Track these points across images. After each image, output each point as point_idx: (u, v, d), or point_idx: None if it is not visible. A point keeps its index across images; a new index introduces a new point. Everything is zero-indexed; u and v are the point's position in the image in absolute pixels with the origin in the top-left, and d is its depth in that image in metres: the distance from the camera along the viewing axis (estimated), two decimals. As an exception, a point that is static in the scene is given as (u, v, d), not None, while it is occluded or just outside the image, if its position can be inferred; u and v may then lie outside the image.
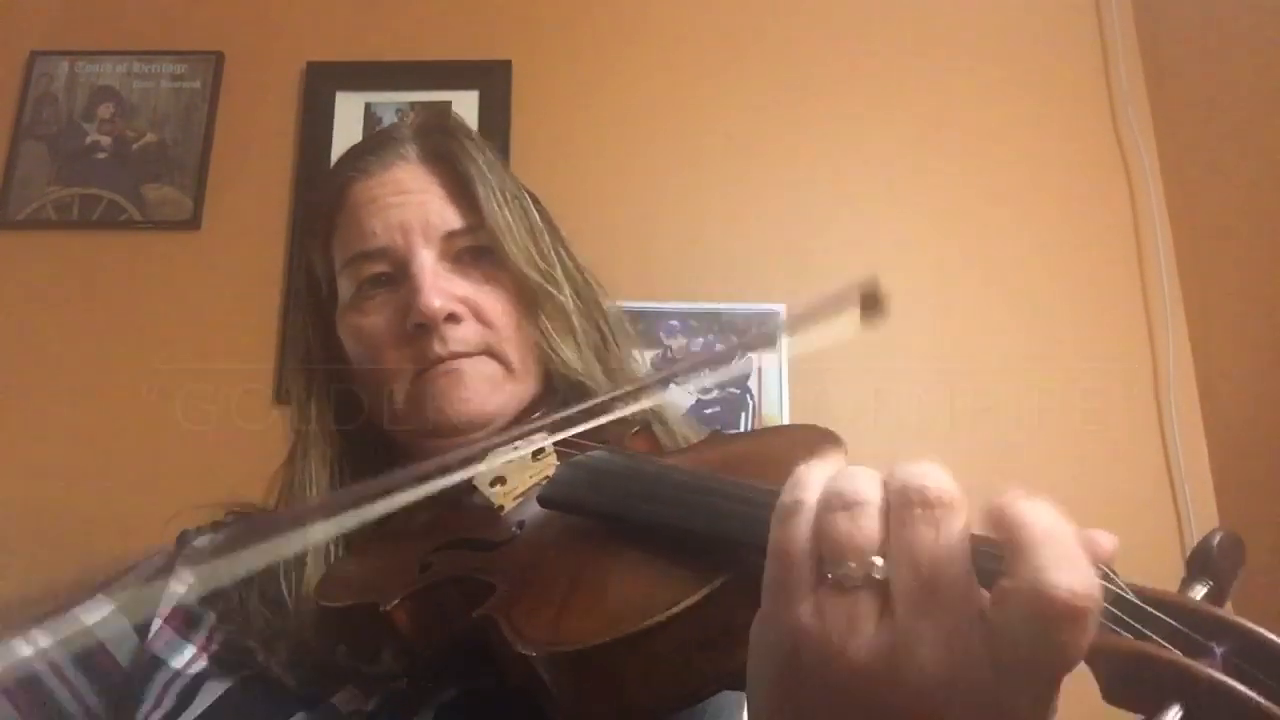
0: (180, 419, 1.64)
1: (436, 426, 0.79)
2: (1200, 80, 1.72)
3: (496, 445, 0.58)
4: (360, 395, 0.86)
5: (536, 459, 0.72)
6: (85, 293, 1.71)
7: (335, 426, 0.86)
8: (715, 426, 1.38)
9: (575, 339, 0.85)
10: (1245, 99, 1.60)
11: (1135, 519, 1.58)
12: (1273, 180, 1.52)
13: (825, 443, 0.62)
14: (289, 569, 0.77)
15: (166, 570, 0.83)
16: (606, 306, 0.92)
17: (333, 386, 0.87)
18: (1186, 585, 0.39)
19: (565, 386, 0.84)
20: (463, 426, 0.79)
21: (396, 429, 0.84)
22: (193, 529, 0.90)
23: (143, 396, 1.66)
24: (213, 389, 1.64)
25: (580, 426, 0.56)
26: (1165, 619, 0.36)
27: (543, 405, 0.83)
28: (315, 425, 0.85)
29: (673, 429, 0.86)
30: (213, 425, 1.61)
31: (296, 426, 0.87)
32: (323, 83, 1.81)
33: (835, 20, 1.86)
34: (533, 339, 0.83)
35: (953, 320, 1.70)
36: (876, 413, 1.63)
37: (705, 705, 0.54)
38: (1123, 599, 0.37)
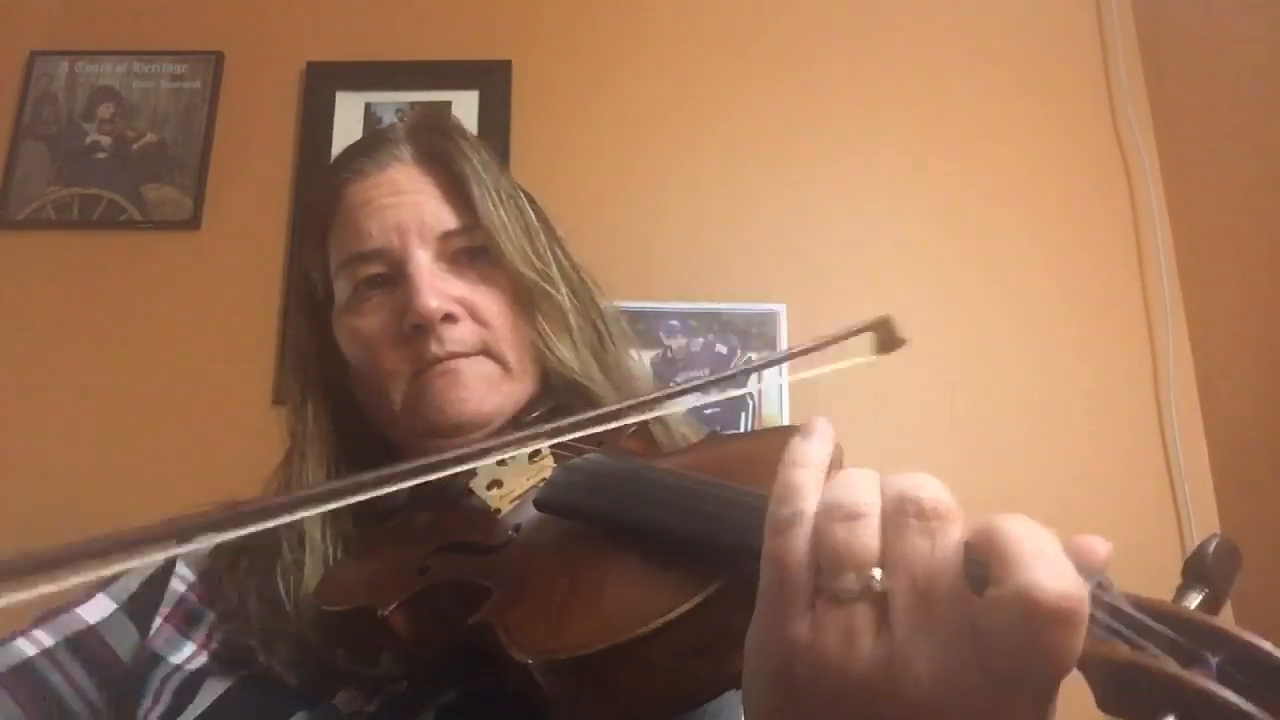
0: (179, 419, 1.65)
1: (434, 427, 0.79)
2: (1200, 80, 1.72)
3: (496, 446, 0.58)
4: (357, 396, 0.86)
5: (533, 461, 0.72)
6: (85, 293, 1.72)
7: (332, 428, 0.85)
8: (715, 427, 1.38)
9: (572, 338, 0.85)
10: (1245, 99, 1.60)
11: (1135, 519, 1.58)
12: (1273, 180, 1.51)
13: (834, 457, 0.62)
14: (287, 571, 0.77)
15: (167, 570, 0.83)
16: (603, 305, 0.92)
17: (329, 388, 0.86)
18: (1181, 593, 0.39)
19: (562, 386, 0.84)
20: (461, 426, 0.79)
21: (394, 430, 0.84)
22: None
23: (142, 396, 1.66)
24: (212, 389, 1.65)
25: (579, 432, 0.56)
26: (1160, 629, 0.36)
27: (540, 405, 0.83)
28: (312, 427, 0.85)
29: (671, 428, 0.86)
30: (212, 425, 1.62)
31: (293, 428, 0.86)
32: (323, 83, 1.81)
33: (835, 20, 1.86)
34: (529, 338, 0.83)
35: (953, 320, 1.70)
36: (876, 413, 1.63)
37: (705, 706, 0.54)
38: (1117, 608, 0.37)
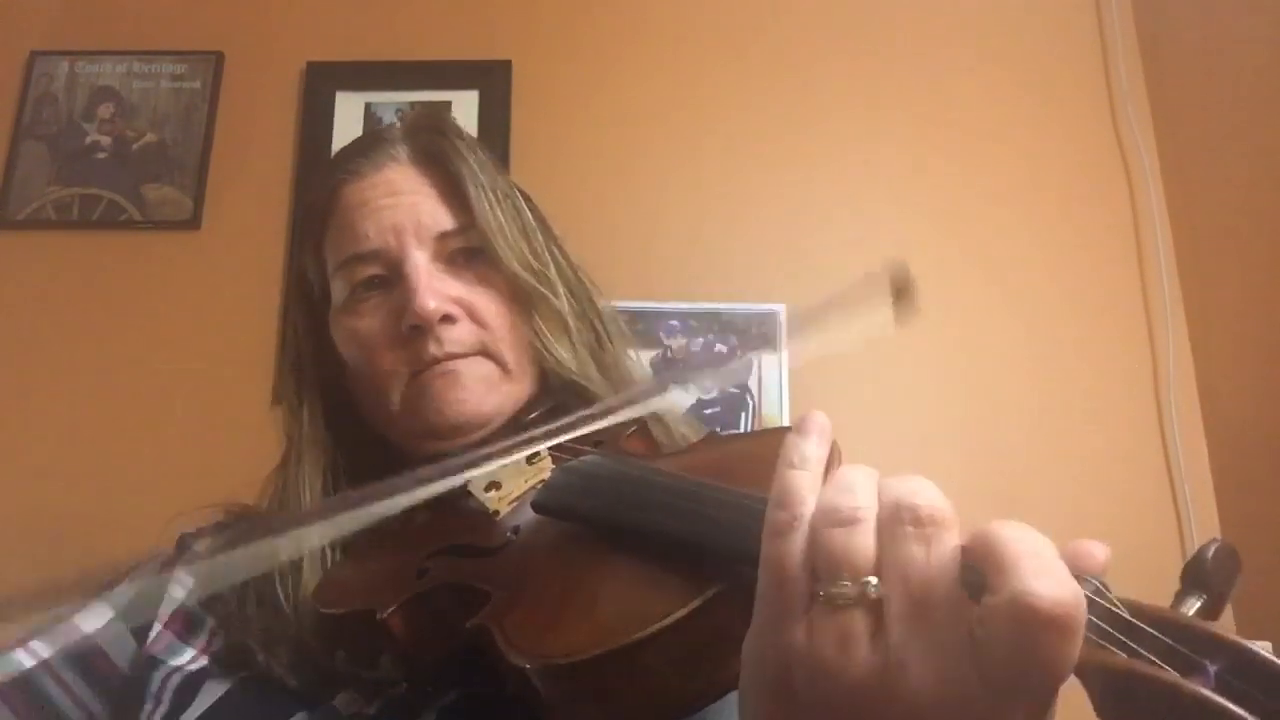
0: (179, 419, 1.65)
1: (433, 428, 0.79)
2: (1200, 80, 1.72)
3: (493, 453, 0.58)
4: (354, 397, 0.86)
5: (531, 463, 0.72)
6: (85, 293, 1.72)
7: (329, 430, 0.85)
8: (715, 427, 1.38)
9: (570, 338, 0.85)
10: (1245, 99, 1.60)
11: (1135, 520, 1.58)
12: (1273, 180, 1.51)
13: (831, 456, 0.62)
14: (285, 574, 0.76)
15: (165, 575, 0.83)
16: (601, 305, 0.92)
17: (327, 389, 0.86)
18: (1180, 599, 0.38)
19: (560, 386, 0.84)
20: (460, 427, 0.79)
21: (392, 430, 0.83)
22: (192, 531, 0.88)
23: (142, 396, 1.66)
24: (212, 389, 1.65)
25: (577, 431, 0.56)
26: (1158, 636, 0.35)
27: (539, 405, 0.83)
28: (308, 428, 0.84)
29: (671, 428, 0.86)
30: (212, 426, 1.62)
31: (290, 430, 0.86)
32: (323, 83, 1.81)
33: (835, 20, 1.86)
34: (527, 339, 0.83)
35: (953, 320, 1.70)
36: (876, 413, 1.63)
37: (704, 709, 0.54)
38: (1114, 615, 0.37)
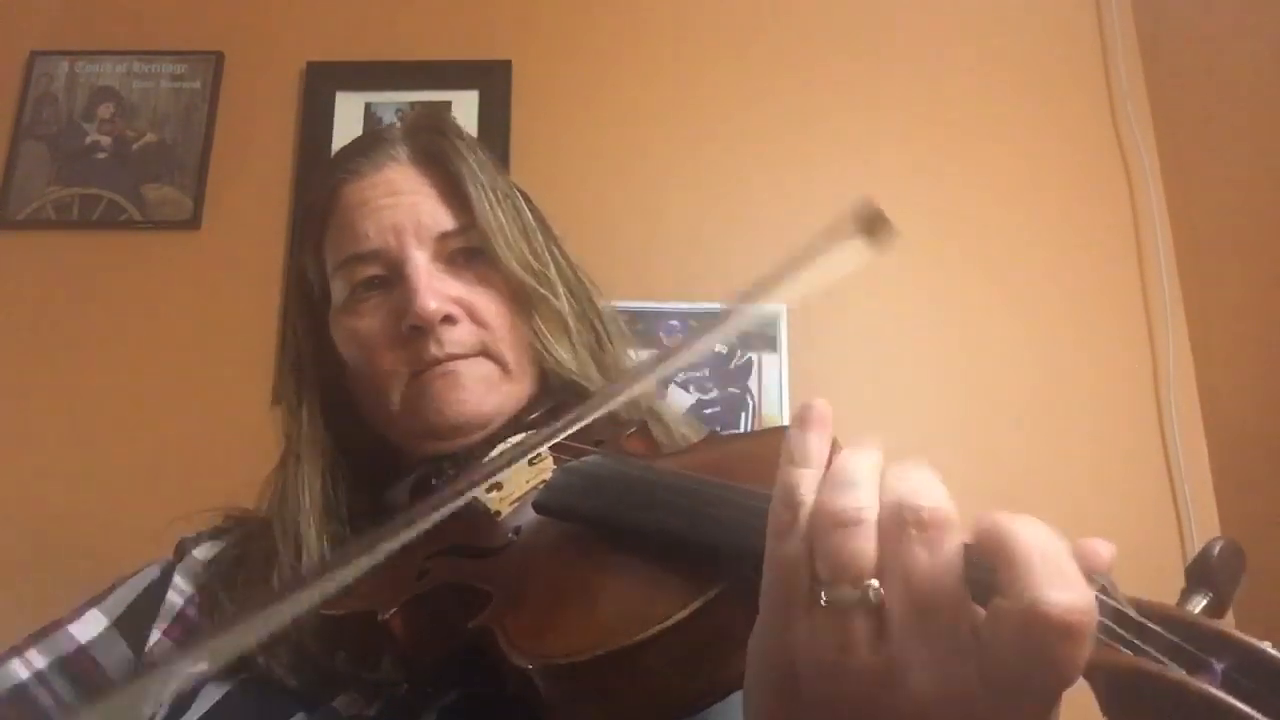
0: (179, 419, 1.64)
1: (433, 428, 0.79)
2: (1200, 80, 1.72)
3: (494, 469, 0.58)
4: (354, 398, 0.85)
5: (532, 464, 0.72)
6: (85, 293, 1.71)
7: (328, 430, 0.84)
8: (715, 427, 1.38)
9: (570, 339, 0.85)
10: (1245, 99, 1.60)
11: (1135, 520, 1.58)
12: (1273, 180, 1.51)
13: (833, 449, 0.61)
14: (284, 577, 0.76)
15: (163, 583, 0.82)
16: (601, 306, 0.91)
17: (326, 389, 0.85)
18: (1186, 597, 0.38)
19: (560, 386, 0.83)
20: (460, 428, 0.78)
21: (391, 431, 0.83)
22: (191, 536, 0.88)
23: (142, 396, 1.66)
24: (212, 389, 1.65)
25: (577, 425, 0.56)
26: (1164, 634, 0.35)
27: (539, 405, 0.82)
28: (307, 429, 0.84)
29: (671, 428, 0.86)
30: (212, 426, 1.62)
31: (289, 430, 0.85)
32: (323, 83, 1.80)
33: (835, 20, 1.86)
34: (527, 339, 0.82)
35: (953, 320, 1.70)
36: (876, 413, 1.63)
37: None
38: (1121, 614, 0.36)
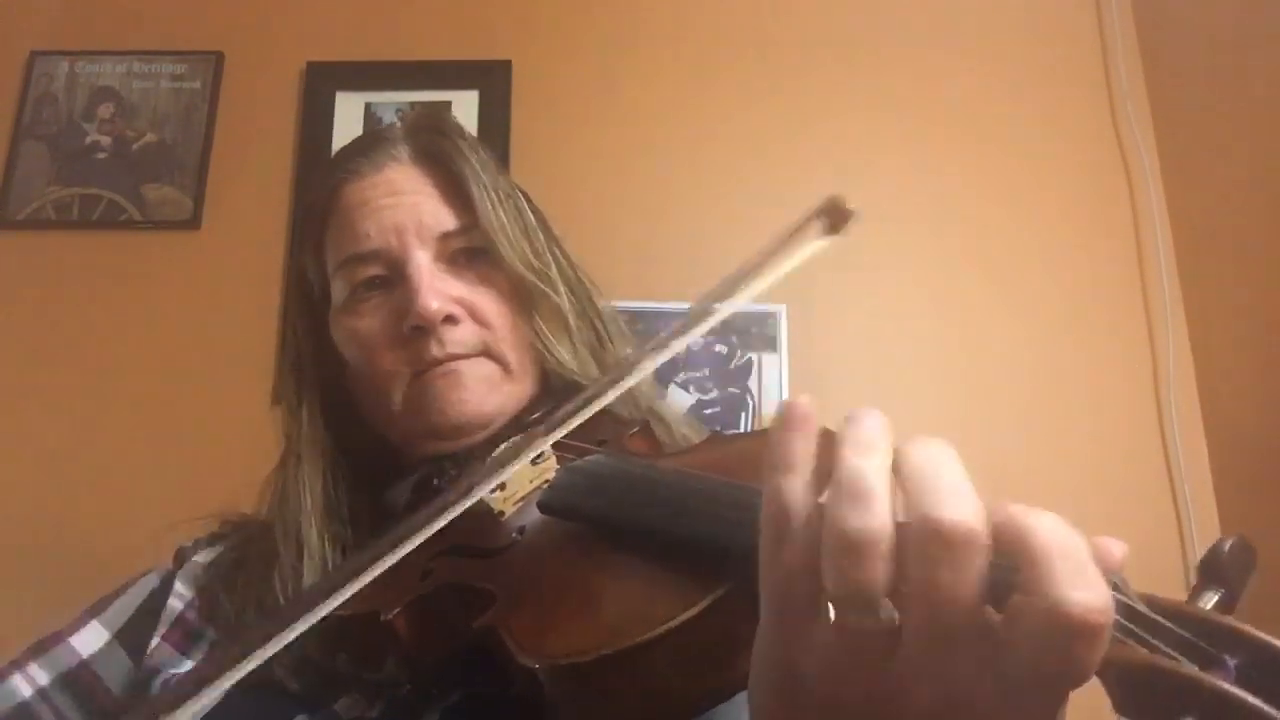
0: (179, 419, 1.64)
1: (435, 428, 0.78)
2: (1200, 80, 1.72)
3: (498, 468, 0.57)
4: (354, 398, 0.85)
5: (535, 463, 0.72)
6: (85, 293, 1.71)
7: (328, 430, 0.84)
8: (715, 427, 1.38)
9: (571, 339, 0.84)
10: (1245, 99, 1.60)
11: (1135, 519, 1.58)
12: (1273, 180, 1.51)
13: (824, 444, 0.61)
14: (285, 577, 0.76)
15: (163, 591, 0.82)
16: (601, 306, 0.91)
17: (326, 389, 0.85)
18: (1197, 594, 0.38)
19: (561, 386, 0.83)
20: (461, 428, 0.78)
21: (392, 431, 0.83)
22: (189, 544, 0.88)
23: (142, 396, 1.66)
24: (212, 389, 1.64)
25: (579, 419, 0.55)
26: (1177, 630, 0.35)
27: (540, 406, 0.82)
28: (308, 429, 0.83)
29: (672, 428, 0.86)
30: (212, 426, 1.61)
31: (289, 430, 0.85)
32: (323, 83, 1.80)
33: (835, 21, 1.86)
34: (529, 339, 0.82)
35: (953, 320, 1.70)
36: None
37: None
38: (1134, 610, 0.36)
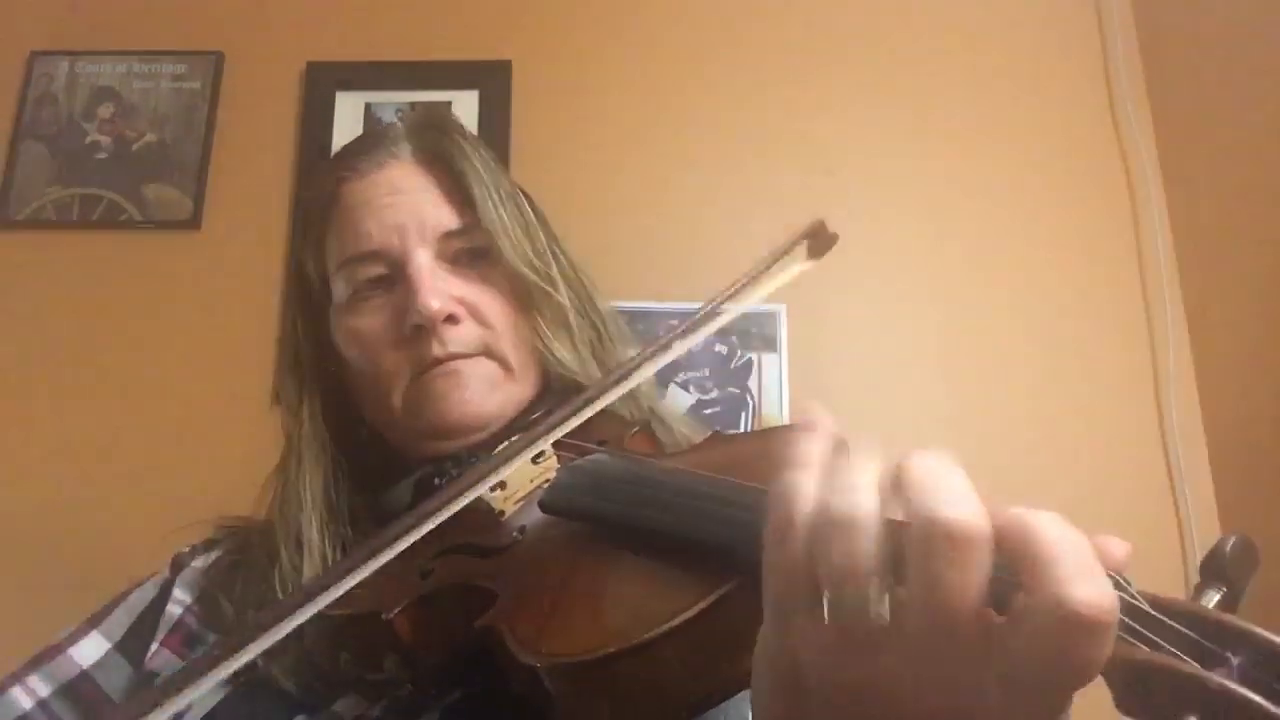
0: (179, 419, 1.64)
1: (435, 428, 0.79)
2: (1200, 80, 1.72)
3: (498, 466, 0.57)
4: (354, 397, 0.85)
5: (536, 462, 0.72)
6: (85, 293, 1.71)
7: (328, 429, 0.84)
8: (715, 427, 1.37)
9: (572, 339, 0.84)
10: (1245, 99, 1.60)
11: (1135, 519, 1.58)
12: (1273, 180, 1.51)
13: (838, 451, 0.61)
14: (285, 577, 0.76)
15: (162, 599, 0.82)
16: (602, 306, 0.91)
17: (326, 388, 0.85)
18: (1200, 592, 0.38)
19: (561, 387, 0.83)
20: (462, 428, 0.78)
21: (393, 430, 0.83)
22: (186, 550, 0.88)
23: (141, 396, 1.66)
24: (211, 390, 1.64)
25: (579, 418, 0.55)
26: (1180, 629, 0.35)
27: (540, 406, 0.82)
28: (308, 428, 0.83)
29: (672, 428, 0.86)
30: (211, 426, 1.61)
31: (289, 430, 0.85)
32: (323, 83, 1.80)
33: (835, 21, 1.85)
34: (529, 339, 0.82)
35: (953, 320, 1.70)
36: (876, 413, 1.63)
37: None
38: (1137, 609, 0.36)
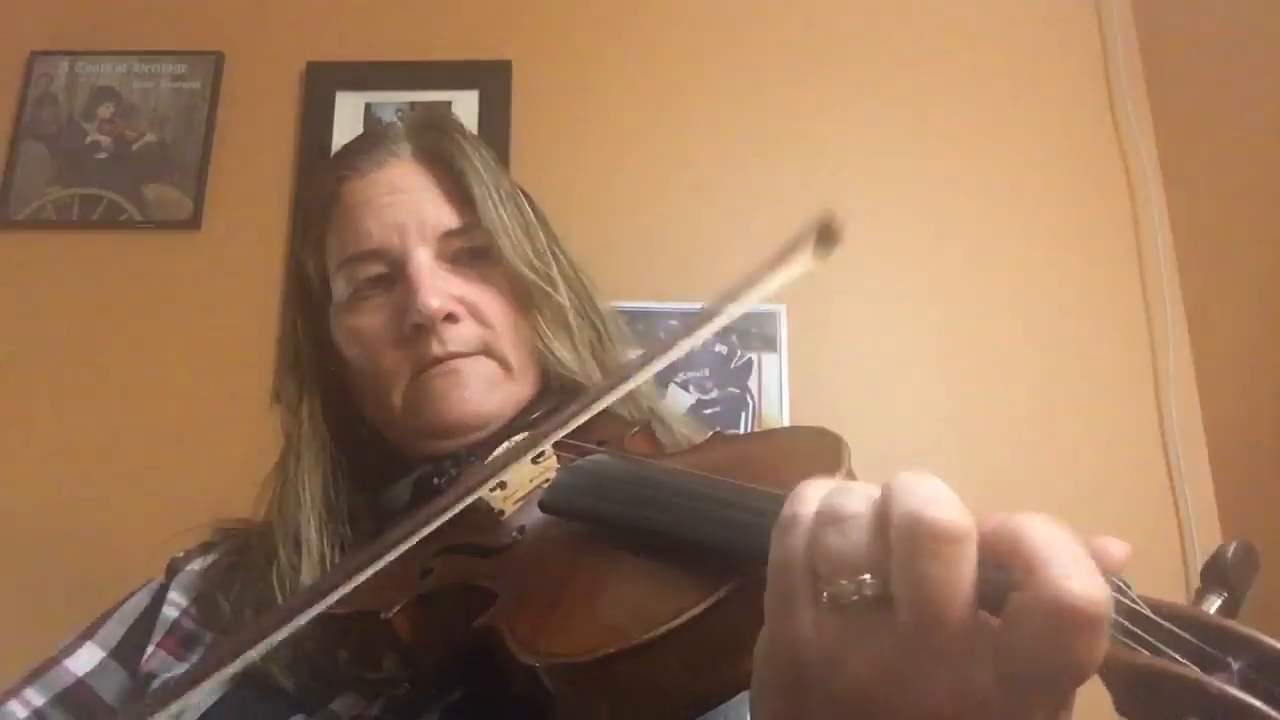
0: (179, 419, 1.64)
1: (434, 427, 0.79)
2: (1200, 80, 1.72)
3: (499, 466, 0.57)
4: (354, 396, 0.85)
5: (536, 462, 0.72)
6: (85, 293, 1.71)
7: (328, 428, 0.84)
8: (715, 427, 1.37)
9: (571, 338, 0.84)
10: (1245, 99, 1.60)
11: (1135, 520, 1.58)
12: (1273, 180, 1.51)
13: (828, 446, 0.61)
14: (284, 576, 0.76)
15: (156, 605, 0.82)
16: (601, 306, 0.91)
17: (326, 388, 0.85)
18: (1201, 597, 0.38)
19: (560, 386, 0.83)
20: (461, 427, 0.78)
21: (392, 430, 0.83)
22: (181, 555, 0.88)
23: (141, 396, 1.66)
24: (211, 389, 1.64)
25: (579, 419, 0.55)
26: (1181, 633, 0.35)
27: (540, 405, 0.82)
28: (308, 427, 0.83)
29: (672, 429, 0.86)
30: (211, 425, 1.61)
31: (289, 429, 0.85)
32: (323, 83, 1.80)
33: (836, 21, 1.85)
34: (529, 339, 0.82)
35: (953, 320, 1.70)
36: (876, 413, 1.63)
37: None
38: (1138, 613, 0.36)
